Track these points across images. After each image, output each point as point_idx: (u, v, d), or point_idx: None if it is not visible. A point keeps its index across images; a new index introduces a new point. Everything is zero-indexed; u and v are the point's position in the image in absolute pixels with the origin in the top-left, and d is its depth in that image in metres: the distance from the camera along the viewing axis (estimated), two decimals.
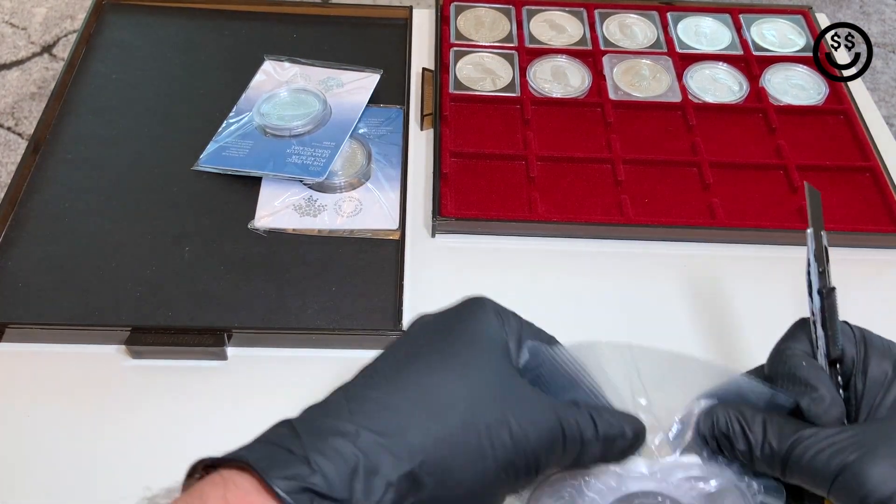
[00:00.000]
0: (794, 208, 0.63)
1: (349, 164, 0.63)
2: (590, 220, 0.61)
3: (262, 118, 0.65)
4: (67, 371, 0.52)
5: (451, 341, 0.34)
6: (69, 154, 0.63)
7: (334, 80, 0.69)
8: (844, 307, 0.58)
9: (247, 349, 0.54)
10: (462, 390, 0.32)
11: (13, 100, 1.38)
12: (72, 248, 0.57)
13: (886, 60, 1.41)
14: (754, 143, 0.68)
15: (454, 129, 0.67)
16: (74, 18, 1.52)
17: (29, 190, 0.61)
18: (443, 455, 0.31)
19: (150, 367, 0.53)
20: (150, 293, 0.55)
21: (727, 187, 0.64)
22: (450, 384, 0.32)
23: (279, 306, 0.54)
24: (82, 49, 0.71)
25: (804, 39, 0.78)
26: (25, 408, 0.50)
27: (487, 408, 0.32)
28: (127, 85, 0.69)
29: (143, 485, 0.47)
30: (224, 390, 0.52)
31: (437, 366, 0.33)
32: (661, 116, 0.69)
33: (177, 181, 0.62)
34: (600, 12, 0.78)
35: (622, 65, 0.73)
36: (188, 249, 0.58)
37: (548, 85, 0.71)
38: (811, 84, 0.73)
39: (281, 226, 0.59)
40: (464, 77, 0.72)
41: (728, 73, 0.73)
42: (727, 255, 0.61)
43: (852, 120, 0.69)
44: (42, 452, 0.48)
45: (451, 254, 0.60)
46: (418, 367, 0.33)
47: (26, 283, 0.55)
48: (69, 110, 0.66)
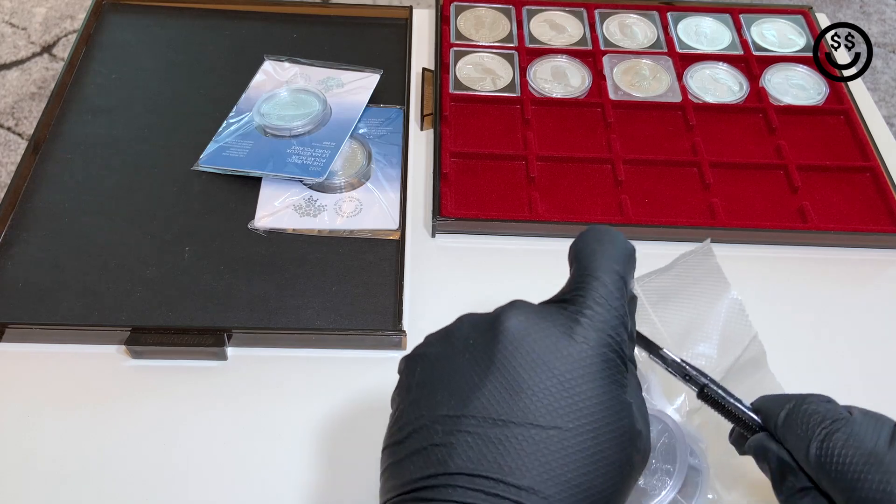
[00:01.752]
0: (795, 208, 0.63)
1: (349, 164, 0.63)
2: (590, 220, 0.61)
3: (262, 118, 0.65)
4: (67, 371, 0.52)
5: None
6: (69, 154, 0.63)
7: (334, 80, 0.69)
8: (845, 307, 0.59)
9: (247, 349, 0.54)
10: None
11: (13, 100, 1.38)
12: (72, 248, 0.57)
13: (887, 60, 1.41)
14: (754, 143, 0.68)
15: (454, 129, 0.67)
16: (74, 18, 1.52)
17: (29, 190, 0.61)
18: None
19: (150, 367, 0.53)
20: (150, 293, 0.55)
21: (727, 187, 0.64)
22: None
23: (279, 306, 0.54)
24: (82, 49, 0.71)
25: (804, 39, 0.77)
26: (25, 408, 0.50)
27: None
28: (127, 85, 0.69)
29: (142, 484, 0.47)
30: (224, 390, 0.52)
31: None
32: (662, 116, 0.70)
33: (177, 181, 0.62)
34: (600, 12, 0.79)
35: (622, 65, 0.73)
36: (188, 249, 0.58)
37: (548, 85, 0.71)
38: (811, 84, 0.73)
39: (281, 226, 0.59)
40: (464, 77, 0.72)
41: (728, 73, 0.73)
42: (727, 255, 0.61)
43: (853, 120, 0.69)
44: (42, 452, 0.48)
45: (451, 254, 0.60)
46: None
47: (26, 283, 0.55)
48: (69, 110, 0.66)
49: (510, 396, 0.29)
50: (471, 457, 0.29)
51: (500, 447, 0.28)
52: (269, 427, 0.50)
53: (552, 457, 0.28)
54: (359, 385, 0.52)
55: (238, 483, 0.47)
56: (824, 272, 0.61)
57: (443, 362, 0.32)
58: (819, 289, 0.59)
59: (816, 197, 0.64)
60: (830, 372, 0.54)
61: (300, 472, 0.48)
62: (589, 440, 0.29)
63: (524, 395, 0.29)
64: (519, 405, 0.29)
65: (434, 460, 0.29)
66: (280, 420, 0.50)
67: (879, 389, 0.54)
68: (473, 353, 0.31)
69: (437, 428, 0.30)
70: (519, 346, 0.31)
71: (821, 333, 0.57)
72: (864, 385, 0.54)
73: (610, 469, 0.29)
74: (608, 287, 0.32)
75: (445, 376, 0.31)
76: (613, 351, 0.31)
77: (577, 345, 0.31)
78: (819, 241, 0.62)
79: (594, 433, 0.29)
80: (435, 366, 0.32)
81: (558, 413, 0.29)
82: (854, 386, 0.54)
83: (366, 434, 0.50)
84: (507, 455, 0.28)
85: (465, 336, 0.32)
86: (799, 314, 0.58)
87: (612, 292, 0.32)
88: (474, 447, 0.29)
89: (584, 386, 0.30)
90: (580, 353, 0.30)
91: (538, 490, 0.28)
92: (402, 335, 0.53)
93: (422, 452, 0.30)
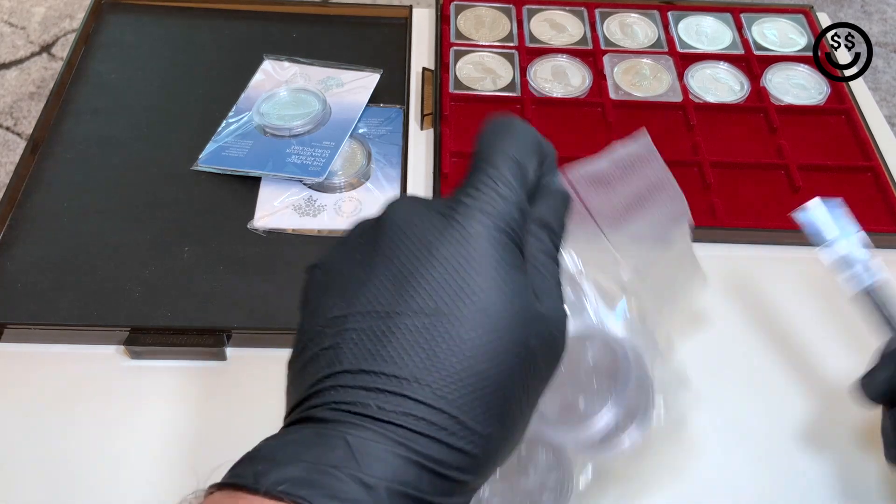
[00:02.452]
0: (795, 208, 0.63)
1: (349, 164, 0.63)
2: None
3: (262, 118, 0.65)
4: (67, 371, 0.52)
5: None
6: (68, 154, 0.63)
7: (334, 80, 0.69)
8: (845, 307, 0.58)
9: (246, 349, 0.53)
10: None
11: (12, 99, 1.38)
12: (71, 248, 0.57)
13: (888, 60, 1.41)
14: (755, 142, 0.68)
15: (454, 128, 0.67)
16: (73, 18, 1.52)
17: (28, 190, 0.60)
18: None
19: (149, 367, 0.52)
20: (149, 293, 0.55)
21: (728, 187, 0.64)
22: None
23: (279, 306, 0.54)
24: (81, 49, 0.71)
25: (805, 39, 0.77)
26: (25, 408, 0.50)
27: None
28: (126, 85, 0.69)
29: (142, 484, 0.47)
30: (224, 390, 0.52)
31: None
32: (662, 116, 0.69)
33: (176, 181, 0.62)
34: (601, 11, 0.78)
35: (623, 64, 0.73)
36: (187, 249, 0.57)
37: (548, 85, 0.71)
38: (812, 84, 0.73)
39: (280, 226, 0.59)
40: (464, 77, 0.71)
41: (729, 73, 0.73)
42: (728, 254, 0.61)
43: (854, 120, 0.69)
44: (41, 452, 0.48)
45: None
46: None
47: (26, 283, 0.55)
48: (68, 110, 0.66)
49: (394, 287, 0.28)
50: (355, 354, 0.27)
51: (382, 339, 0.27)
52: (269, 427, 0.50)
53: (434, 343, 0.27)
54: None
55: None
56: (824, 272, 0.60)
57: (336, 266, 0.31)
58: (819, 289, 0.59)
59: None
60: (831, 372, 0.54)
61: None
62: (471, 323, 0.27)
63: (407, 284, 0.28)
64: (403, 295, 0.28)
65: (323, 364, 0.28)
66: (279, 420, 0.50)
67: None
68: (361, 251, 0.30)
69: (327, 331, 0.29)
70: (402, 234, 0.29)
71: (821, 333, 0.57)
72: None
73: (499, 355, 0.27)
74: (499, 170, 0.30)
75: (336, 278, 0.30)
76: (502, 231, 0.29)
77: (458, 226, 0.29)
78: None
79: (478, 315, 0.27)
80: (328, 271, 0.31)
81: (441, 298, 0.28)
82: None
83: None
84: (389, 347, 0.27)
85: (356, 236, 0.31)
86: (799, 314, 0.58)
87: (502, 174, 0.30)
88: (359, 343, 0.28)
89: (468, 267, 0.28)
90: (462, 235, 0.29)
91: (420, 378, 0.27)
92: None
93: (313, 360, 0.29)
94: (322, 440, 0.26)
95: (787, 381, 0.54)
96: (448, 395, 0.26)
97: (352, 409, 0.27)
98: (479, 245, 0.28)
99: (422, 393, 0.26)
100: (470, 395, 0.27)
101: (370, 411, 0.26)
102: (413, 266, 0.28)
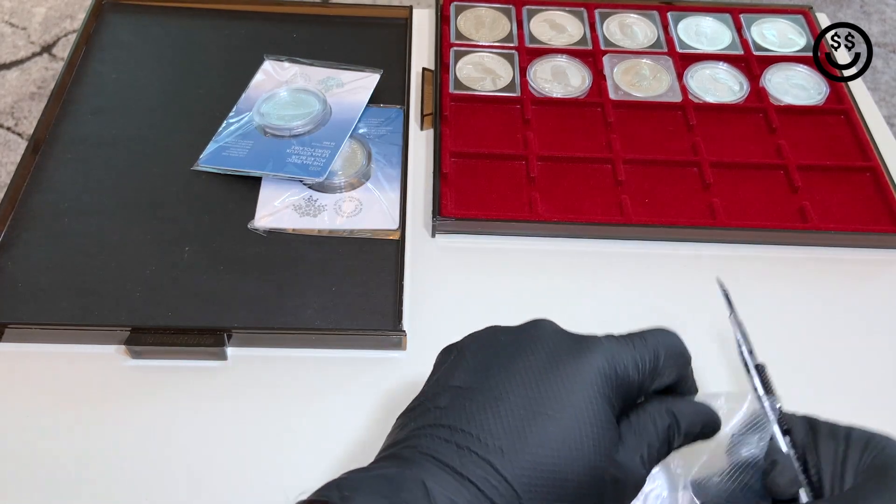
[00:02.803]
0: (795, 208, 0.63)
1: (349, 164, 0.63)
2: (590, 220, 0.61)
3: (262, 118, 0.65)
4: (67, 371, 0.52)
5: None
6: (69, 154, 0.63)
7: (334, 80, 0.69)
8: (845, 307, 0.59)
9: (247, 349, 0.54)
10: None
11: (13, 99, 1.38)
12: (72, 248, 0.57)
13: (887, 60, 1.41)
14: (755, 142, 0.68)
15: (454, 129, 0.67)
16: (74, 18, 1.52)
17: (29, 190, 0.61)
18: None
19: (149, 367, 0.52)
20: (150, 293, 0.55)
21: (728, 187, 0.64)
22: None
23: (279, 306, 0.54)
24: (82, 49, 0.71)
25: (805, 39, 0.77)
26: (25, 408, 0.50)
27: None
28: (127, 85, 0.69)
29: (142, 485, 0.47)
30: (224, 390, 0.52)
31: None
32: (662, 116, 0.69)
33: (177, 181, 0.62)
34: (600, 12, 0.78)
35: (622, 64, 0.73)
36: (188, 249, 0.57)
37: (548, 85, 0.71)
38: (812, 84, 0.73)
39: (281, 226, 0.59)
40: (464, 77, 0.71)
41: (728, 73, 0.73)
42: (728, 255, 0.61)
43: (853, 120, 0.69)
44: (42, 452, 0.48)
45: (451, 254, 0.60)
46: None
47: (26, 283, 0.55)
48: (69, 110, 0.66)
49: (513, 378, 0.33)
50: (460, 415, 0.32)
51: (488, 411, 0.31)
52: (269, 427, 0.50)
53: (529, 432, 0.31)
54: (358, 385, 0.52)
55: (238, 483, 0.47)
56: (824, 272, 0.61)
57: (470, 349, 0.35)
58: (819, 289, 0.59)
59: (817, 197, 0.64)
60: (831, 372, 0.54)
61: (300, 471, 0.48)
62: (565, 428, 0.31)
63: (526, 378, 0.33)
64: (518, 384, 0.32)
65: (430, 417, 0.32)
66: (280, 420, 0.50)
67: (880, 390, 0.54)
68: (496, 349, 0.35)
69: (444, 394, 0.33)
70: (539, 343, 0.34)
71: (821, 334, 0.57)
72: (865, 385, 0.54)
73: (577, 461, 0.31)
74: (639, 347, 0.35)
75: (467, 359, 0.35)
76: (611, 375, 0.33)
77: (585, 354, 0.34)
78: (819, 242, 0.62)
79: (573, 423, 0.32)
80: (463, 352, 0.35)
81: (549, 402, 0.32)
82: (854, 386, 0.54)
83: (366, 433, 0.50)
84: (492, 418, 0.31)
85: (497, 333, 0.36)
86: (799, 314, 0.58)
87: (638, 350, 0.35)
88: (467, 408, 0.32)
89: (578, 387, 0.33)
90: (584, 362, 0.33)
91: (507, 453, 0.30)
92: (401, 335, 0.53)
93: (423, 413, 0.33)
94: (403, 479, 0.30)
95: (787, 380, 0.54)
96: (523, 477, 0.30)
97: (436, 455, 0.30)
98: (589, 372, 0.33)
99: (504, 465, 0.30)
100: (540, 485, 0.30)
101: (454, 463, 0.30)
102: (537, 371, 0.33)
